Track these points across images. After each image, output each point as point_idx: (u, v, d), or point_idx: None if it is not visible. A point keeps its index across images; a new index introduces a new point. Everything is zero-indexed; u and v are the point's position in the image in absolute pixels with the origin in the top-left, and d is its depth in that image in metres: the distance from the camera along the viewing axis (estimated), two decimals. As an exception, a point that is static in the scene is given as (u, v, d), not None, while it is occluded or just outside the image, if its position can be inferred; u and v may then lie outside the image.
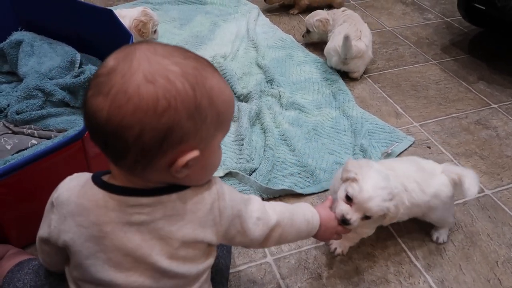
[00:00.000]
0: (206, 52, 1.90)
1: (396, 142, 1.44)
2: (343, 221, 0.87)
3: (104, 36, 1.40)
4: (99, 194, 0.61)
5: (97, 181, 0.62)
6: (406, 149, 1.42)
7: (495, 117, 1.60)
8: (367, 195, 0.85)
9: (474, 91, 1.75)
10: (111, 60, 0.55)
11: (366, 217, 0.88)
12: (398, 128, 1.51)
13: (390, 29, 2.22)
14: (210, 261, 0.69)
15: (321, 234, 0.86)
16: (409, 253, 1.11)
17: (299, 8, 2.29)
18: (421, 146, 1.45)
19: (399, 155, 1.40)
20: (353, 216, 0.86)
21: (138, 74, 0.52)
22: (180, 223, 0.61)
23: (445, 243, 1.12)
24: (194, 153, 0.57)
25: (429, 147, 1.45)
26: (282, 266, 1.06)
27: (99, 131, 0.54)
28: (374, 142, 1.44)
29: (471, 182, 0.99)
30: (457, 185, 1.02)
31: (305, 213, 0.82)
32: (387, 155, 1.38)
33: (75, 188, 0.63)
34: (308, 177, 1.30)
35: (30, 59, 1.47)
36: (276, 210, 0.75)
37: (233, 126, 1.48)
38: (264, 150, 1.38)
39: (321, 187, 1.27)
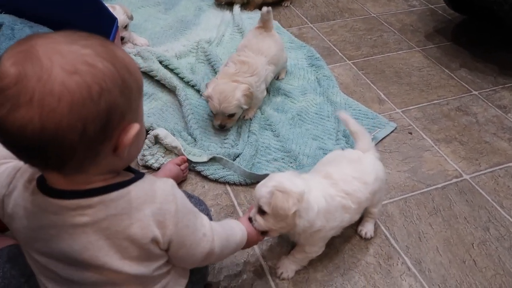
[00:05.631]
0: (190, 37, 1.89)
1: (379, 128, 1.46)
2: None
3: (87, 20, 1.37)
4: (40, 198, 0.59)
5: (39, 183, 0.60)
6: (388, 135, 1.45)
7: (475, 104, 1.64)
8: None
9: (456, 78, 1.78)
10: (9, 67, 0.48)
11: (262, 212, 0.90)
12: (381, 114, 1.54)
13: (375, 15, 2.22)
14: (166, 264, 0.68)
15: (247, 245, 0.89)
16: (388, 235, 1.14)
17: (254, 5, 2.16)
18: (403, 132, 1.48)
19: (381, 141, 1.42)
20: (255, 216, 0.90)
21: (56, 70, 0.48)
22: (126, 222, 0.59)
23: (423, 227, 1.16)
24: (136, 127, 0.56)
25: (411, 133, 1.47)
26: (265, 249, 1.08)
27: (33, 146, 0.49)
28: (357, 128, 1.46)
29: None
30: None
31: (237, 233, 0.84)
32: (370, 141, 1.40)
33: (22, 188, 0.61)
34: (291, 162, 1.32)
35: (10, 42, 1.44)
36: (216, 231, 0.74)
37: (217, 112, 1.48)
38: (248, 135, 1.39)
39: (304, 172, 1.28)
